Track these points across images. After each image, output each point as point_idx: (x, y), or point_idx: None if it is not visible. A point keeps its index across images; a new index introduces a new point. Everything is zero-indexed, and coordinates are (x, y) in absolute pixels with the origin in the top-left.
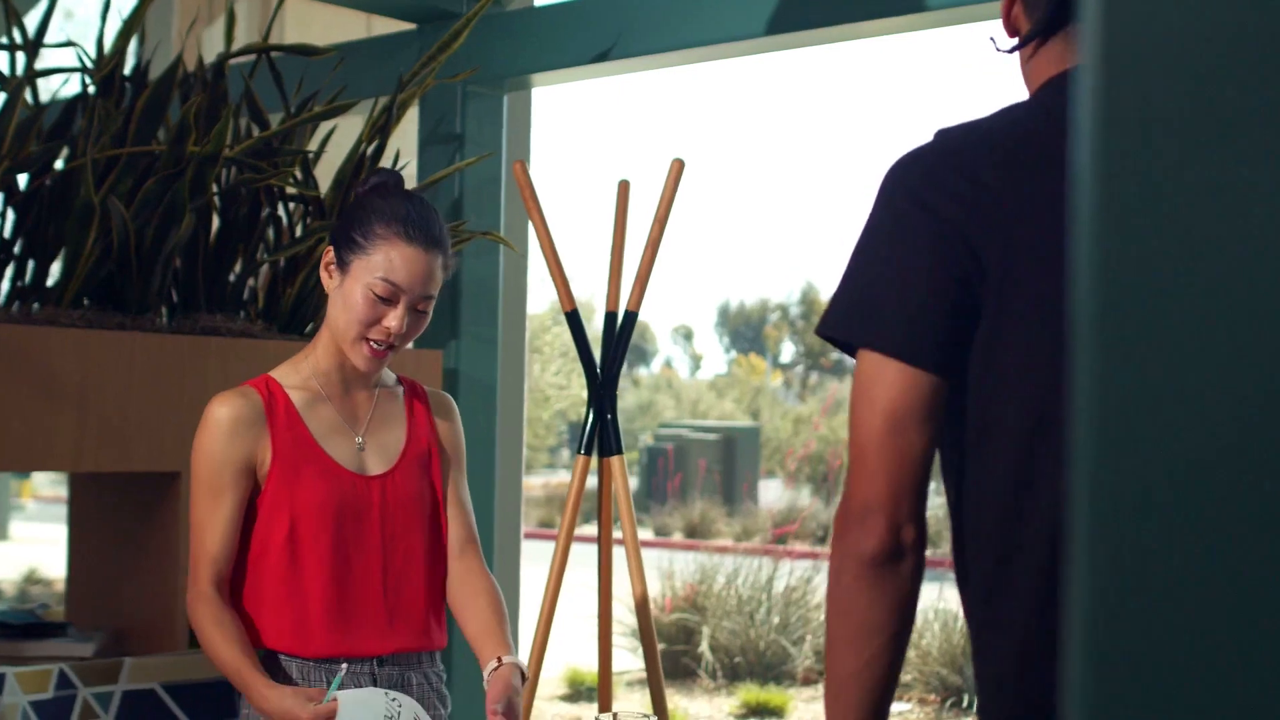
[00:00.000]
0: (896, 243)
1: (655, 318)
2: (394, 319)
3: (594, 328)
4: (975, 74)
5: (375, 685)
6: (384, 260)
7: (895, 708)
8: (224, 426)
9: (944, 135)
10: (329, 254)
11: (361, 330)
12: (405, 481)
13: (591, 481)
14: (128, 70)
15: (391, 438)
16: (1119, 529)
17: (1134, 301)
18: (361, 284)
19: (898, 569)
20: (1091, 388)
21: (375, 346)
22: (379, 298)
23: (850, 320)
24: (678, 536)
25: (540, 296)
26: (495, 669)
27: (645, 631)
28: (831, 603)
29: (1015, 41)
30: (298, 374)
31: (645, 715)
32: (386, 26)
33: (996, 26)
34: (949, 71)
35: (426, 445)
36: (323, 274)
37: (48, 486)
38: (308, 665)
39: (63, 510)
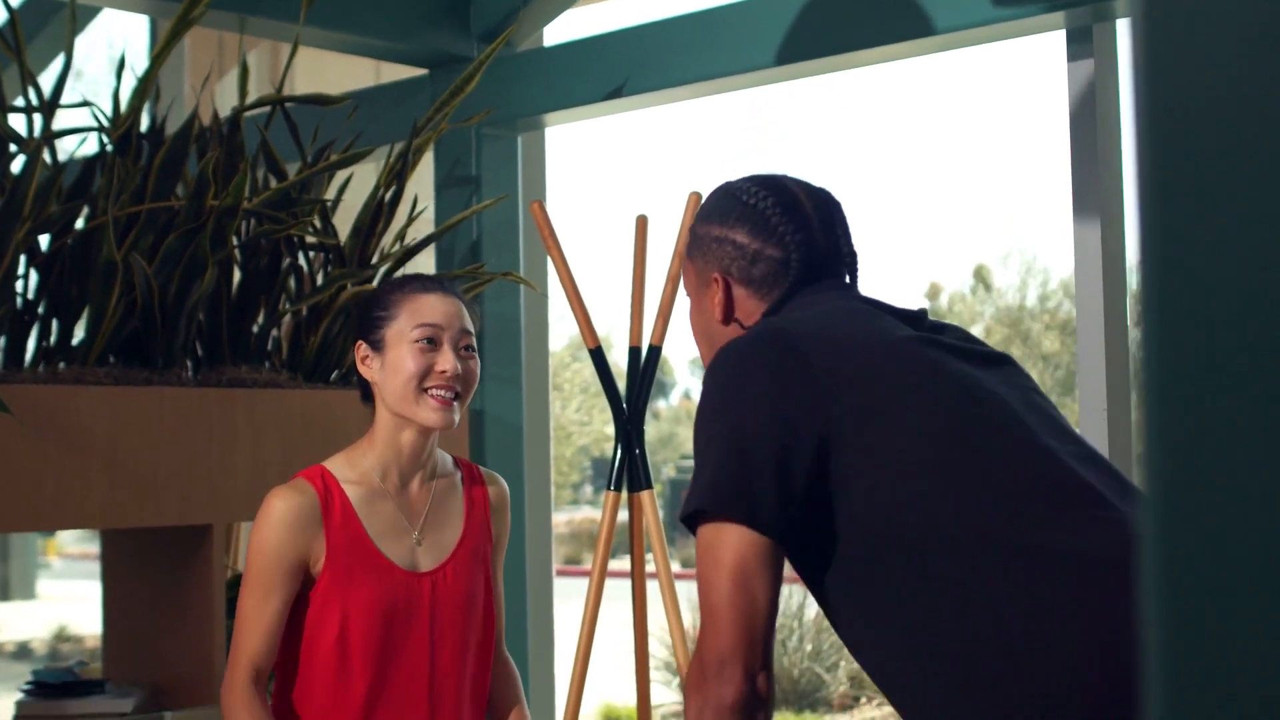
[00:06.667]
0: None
1: (672, 350)
2: (445, 361)
3: (613, 361)
4: (976, 97)
5: None
6: (411, 314)
7: None
8: (282, 523)
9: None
10: (360, 348)
11: (419, 384)
12: (456, 577)
13: (622, 516)
14: (144, 127)
15: (447, 532)
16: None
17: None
18: (402, 346)
19: (754, 716)
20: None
21: (439, 396)
22: (423, 345)
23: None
24: None
25: (558, 333)
26: None
27: (684, 665)
28: None
29: (760, 313)
30: (354, 468)
31: None
32: (396, 74)
33: (1003, 47)
34: (953, 96)
35: (480, 538)
36: (361, 370)
37: (74, 543)
38: None
39: (90, 566)
